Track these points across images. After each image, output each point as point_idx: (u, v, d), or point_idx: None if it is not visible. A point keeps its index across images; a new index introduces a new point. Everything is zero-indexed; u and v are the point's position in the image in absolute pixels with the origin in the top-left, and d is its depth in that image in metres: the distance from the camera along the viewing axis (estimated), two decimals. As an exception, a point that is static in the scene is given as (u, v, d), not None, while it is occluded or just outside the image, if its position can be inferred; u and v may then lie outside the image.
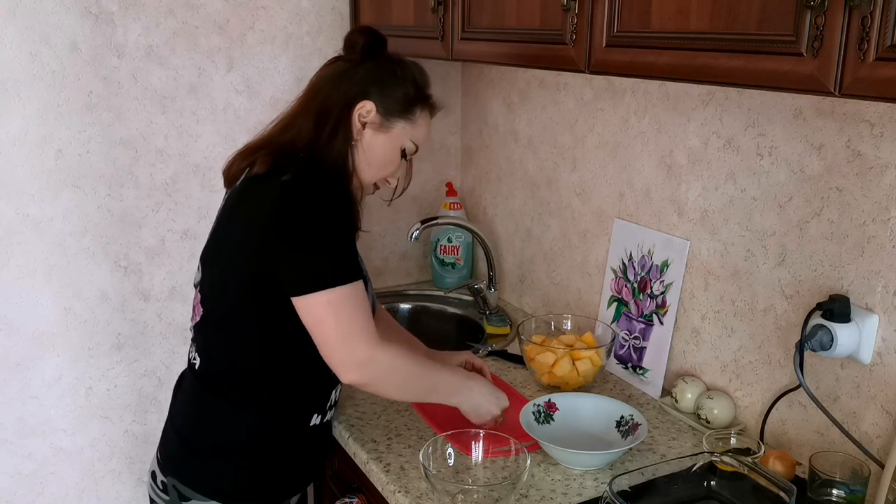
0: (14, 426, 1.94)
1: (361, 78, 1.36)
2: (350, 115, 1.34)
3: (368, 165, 1.38)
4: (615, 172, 1.78)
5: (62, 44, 1.81)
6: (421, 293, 2.31)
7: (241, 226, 1.31)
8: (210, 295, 1.36)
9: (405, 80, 1.38)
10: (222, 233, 1.36)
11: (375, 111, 1.35)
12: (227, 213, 1.37)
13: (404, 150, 1.41)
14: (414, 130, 1.40)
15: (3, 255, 1.85)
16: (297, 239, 1.23)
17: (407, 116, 1.38)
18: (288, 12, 2.04)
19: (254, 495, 1.38)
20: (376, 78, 1.36)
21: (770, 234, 1.43)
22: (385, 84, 1.36)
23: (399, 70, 1.39)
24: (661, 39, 1.16)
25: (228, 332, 1.33)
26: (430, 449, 1.31)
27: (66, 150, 1.86)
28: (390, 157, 1.40)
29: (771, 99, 1.40)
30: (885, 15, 0.86)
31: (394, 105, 1.37)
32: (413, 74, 1.40)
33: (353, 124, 1.35)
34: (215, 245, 1.37)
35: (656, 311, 1.67)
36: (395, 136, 1.38)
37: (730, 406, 1.51)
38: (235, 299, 1.31)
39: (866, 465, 1.22)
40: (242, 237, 1.29)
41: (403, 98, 1.37)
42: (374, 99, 1.35)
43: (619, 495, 1.15)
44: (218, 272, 1.34)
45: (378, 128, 1.36)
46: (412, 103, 1.38)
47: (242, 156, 1.37)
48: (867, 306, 1.28)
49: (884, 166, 1.23)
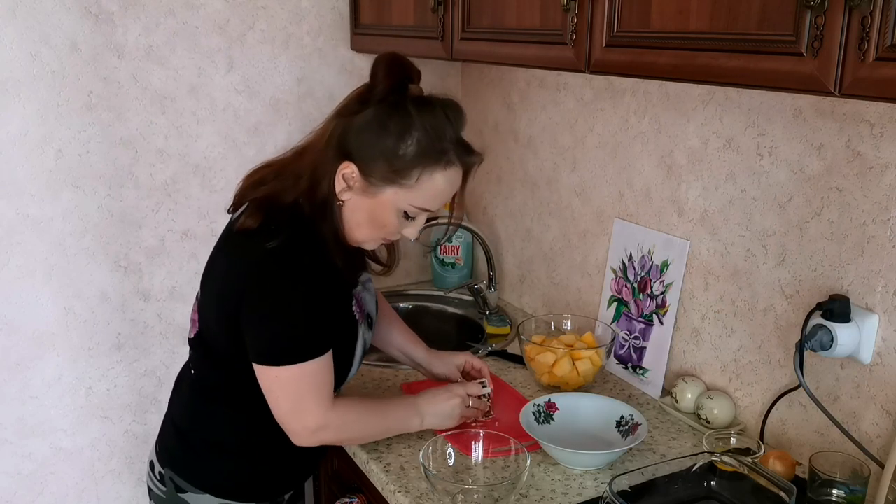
0: (14, 426, 1.94)
1: (354, 129, 1.21)
2: (335, 173, 1.22)
3: (358, 226, 1.27)
4: (615, 172, 1.78)
5: (62, 44, 1.81)
6: (421, 293, 2.31)
7: (223, 273, 1.30)
8: (203, 316, 1.37)
9: (401, 138, 1.19)
10: (212, 268, 1.35)
11: (359, 174, 1.21)
12: (218, 251, 1.35)
13: (406, 212, 1.25)
14: (412, 195, 1.22)
15: (3, 255, 1.85)
16: (261, 311, 1.24)
17: (397, 181, 1.21)
18: (288, 12, 2.04)
19: (248, 492, 1.39)
20: (363, 132, 1.21)
21: (770, 234, 1.43)
22: (373, 143, 1.20)
23: (396, 123, 1.19)
24: (661, 39, 1.16)
25: (220, 354, 1.34)
26: (430, 449, 1.31)
27: (66, 150, 1.86)
28: (383, 221, 1.26)
29: (771, 99, 1.40)
30: (885, 15, 0.86)
31: (379, 169, 1.20)
32: (418, 127, 1.19)
33: (337, 183, 1.23)
34: (208, 274, 1.36)
35: (656, 311, 1.67)
36: (386, 202, 1.23)
37: (730, 406, 1.51)
38: (222, 330, 1.31)
39: (866, 465, 1.22)
40: (224, 285, 1.29)
41: (393, 162, 1.20)
42: (356, 160, 1.21)
43: (619, 495, 1.15)
44: (209, 304, 1.34)
45: (363, 192, 1.23)
46: (406, 167, 1.20)
47: (251, 185, 1.33)
48: (867, 306, 1.28)
49: (884, 166, 1.23)
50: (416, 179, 1.21)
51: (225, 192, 2.04)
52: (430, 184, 1.22)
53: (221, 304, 1.29)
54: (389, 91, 1.21)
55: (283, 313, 1.24)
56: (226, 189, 2.04)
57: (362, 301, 1.42)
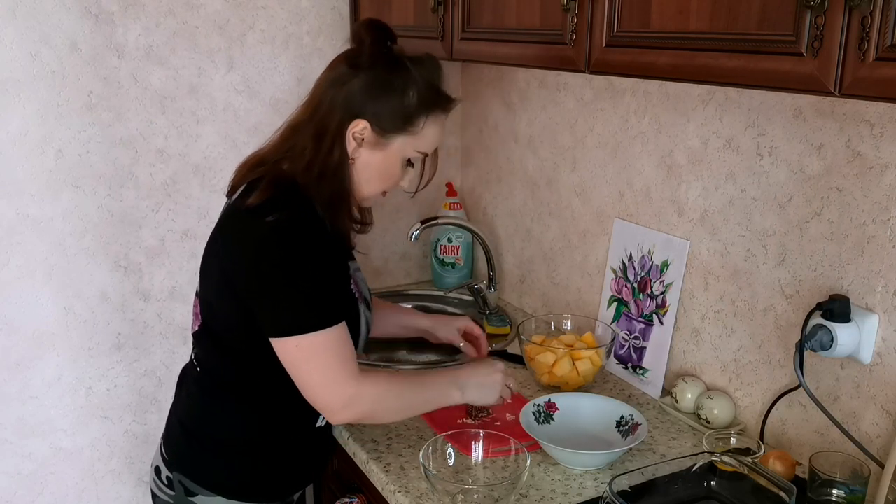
0: (14, 426, 1.94)
1: (357, 91, 1.29)
2: (344, 133, 1.29)
3: (368, 181, 1.34)
4: (615, 172, 1.78)
5: (62, 44, 1.81)
6: (421, 293, 2.31)
7: (226, 253, 1.30)
8: (206, 307, 1.36)
9: (405, 91, 1.29)
10: (212, 252, 1.35)
11: (370, 129, 1.29)
12: (218, 234, 1.35)
13: (409, 159, 1.35)
14: (418, 140, 1.33)
15: (3, 255, 1.85)
16: (273, 283, 1.23)
17: (407, 129, 1.31)
18: (288, 12, 2.04)
19: (259, 492, 1.38)
20: (371, 91, 1.29)
21: (770, 234, 1.43)
22: (380, 98, 1.29)
23: (399, 78, 1.30)
24: (661, 39, 1.16)
25: (226, 345, 1.33)
26: (430, 449, 1.31)
27: (66, 150, 1.86)
28: (391, 172, 1.35)
29: (771, 99, 1.40)
30: (885, 15, 0.86)
31: (390, 121, 1.30)
32: (416, 79, 1.30)
33: (347, 143, 1.30)
34: (207, 262, 1.37)
35: (656, 311, 1.67)
36: (395, 151, 1.33)
37: (730, 406, 1.51)
38: (228, 318, 1.31)
39: (866, 465, 1.22)
40: (228, 267, 1.29)
41: (402, 111, 1.30)
42: (367, 116, 1.29)
43: (619, 495, 1.15)
44: (210, 291, 1.34)
45: (374, 145, 1.31)
46: (413, 115, 1.31)
47: (248, 168, 1.36)
48: (867, 306, 1.28)
49: (884, 166, 1.23)
50: (422, 126, 1.32)
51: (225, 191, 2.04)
52: (432, 129, 1.34)
53: (226, 286, 1.29)
54: (379, 52, 1.31)
55: (297, 281, 1.23)
56: (226, 189, 2.04)
57: (358, 282, 1.43)
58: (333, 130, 1.29)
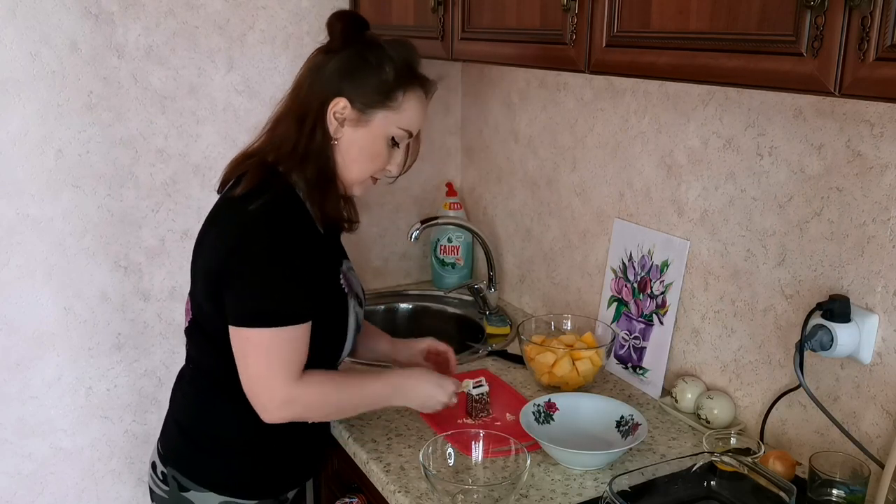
0: (14, 426, 1.94)
1: (334, 71, 1.30)
2: (324, 114, 1.30)
3: (353, 161, 1.34)
4: (615, 172, 1.78)
5: (62, 44, 1.81)
6: (421, 293, 2.31)
7: (210, 245, 1.32)
8: (196, 304, 1.37)
9: (381, 66, 1.30)
10: (199, 247, 1.37)
11: (350, 106, 1.29)
12: (205, 227, 1.37)
13: (393, 138, 1.34)
14: (399, 116, 1.32)
15: (3, 255, 1.85)
16: (243, 271, 1.24)
17: (387, 104, 1.31)
18: (288, 12, 2.04)
19: (252, 489, 1.39)
20: (347, 69, 1.30)
21: (770, 234, 1.43)
22: (356, 75, 1.29)
23: (373, 55, 1.30)
24: (661, 39, 1.16)
25: (215, 339, 1.33)
26: (430, 449, 1.31)
27: (66, 150, 1.86)
28: (376, 151, 1.34)
29: (771, 99, 1.40)
30: (885, 15, 0.86)
31: (368, 95, 1.30)
32: (391, 56, 1.31)
33: (329, 123, 1.30)
34: (195, 257, 1.38)
35: (656, 311, 1.67)
36: (377, 128, 1.32)
37: (730, 406, 1.51)
38: (212, 311, 1.31)
39: (866, 465, 1.22)
40: (210, 257, 1.30)
41: (379, 86, 1.30)
42: (346, 94, 1.29)
43: (619, 495, 1.15)
44: (198, 287, 1.35)
45: (356, 123, 1.31)
46: (391, 89, 1.30)
47: (236, 163, 1.38)
48: (867, 306, 1.28)
49: (884, 166, 1.23)
50: (400, 101, 1.32)
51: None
52: (412, 103, 1.33)
53: (209, 279, 1.29)
54: (351, 35, 1.33)
55: (263, 274, 1.24)
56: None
57: (350, 278, 1.43)
58: (314, 113, 1.30)
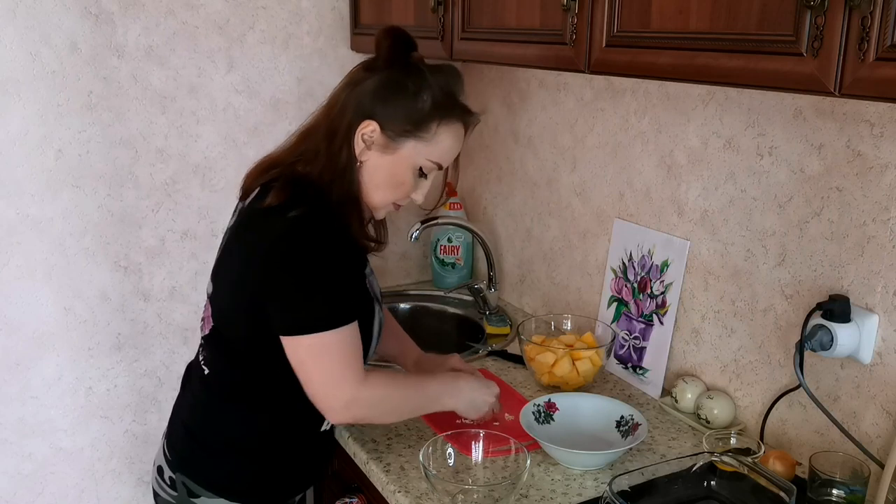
0: (14, 426, 1.94)
1: (369, 91, 1.27)
2: (353, 134, 1.27)
3: (377, 187, 1.31)
4: (615, 172, 1.78)
5: (62, 44, 1.81)
6: (421, 293, 2.31)
7: (245, 254, 1.30)
8: (218, 311, 1.35)
9: (418, 93, 1.27)
10: (227, 255, 1.35)
11: (380, 131, 1.26)
12: (235, 235, 1.35)
13: (421, 168, 1.31)
14: (430, 148, 1.29)
15: (3, 255, 1.85)
16: (289, 280, 1.23)
17: (417, 134, 1.27)
18: (288, 12, 2.04)
19: (261, 494, 1.38)
20: (383, 92, 1.27)
21: (770, 234, 1.43)
22: (391, 99, 1.27)
23: (413, 80, 1.27)
24: (661, 39, 1.16)
25: (237, 349, 1.33)
26: (430, 449, 1.31)
27: (66, 150, 1.86)
28: (401, 179, 1.31)
29: (771, 99, 1.40)
30: (885, 15, 0.86)
31: (400, 123, 1.27)
32: (431, 84, 1.27)
33: (356, 145, 1.27)
34: (221, 265, 1.36)
35: (656, 311, 1.67)
36: (405, 157, 1.29)
37: (730, 406, 1.51)
38: (240, 321, 1.31)
39: (866, 465, 1.22)
40: (245, 266, 1.28)
41: (413, 114, 1.27)
42: (378, 117, 1.26)
43: (619, 495, 1.15)
44: (224, 293, 1.34)
45: (384, 149, 1.28)
46: (425, 119, 1.27)
47: (261, 170, 1.35)
48: (867, 306, 1.28)
49: (884, 166, 1.23)
50: (433, 132, 1.28)
51: (225, 192, 2.04)
52: (445, 136, 1.30)
53: (241, 289, 1.28)
54: (395, 56, 1.29)
55: (312, 280, 1.23)
56: (226, 189, 2.04)
57: (372, 282, 1.42)
58: (343, 131, 1.28)
